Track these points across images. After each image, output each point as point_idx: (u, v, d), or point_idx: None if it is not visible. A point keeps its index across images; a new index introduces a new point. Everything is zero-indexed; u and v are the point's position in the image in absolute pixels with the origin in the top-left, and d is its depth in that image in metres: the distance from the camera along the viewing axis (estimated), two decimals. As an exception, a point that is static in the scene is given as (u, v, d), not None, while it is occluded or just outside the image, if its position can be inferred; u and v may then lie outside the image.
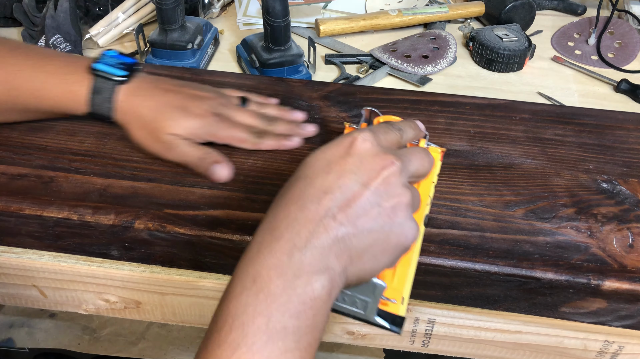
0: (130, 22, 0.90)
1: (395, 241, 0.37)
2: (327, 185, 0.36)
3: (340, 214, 0.35)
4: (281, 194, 0.38)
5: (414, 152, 0.41)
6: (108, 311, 0.57)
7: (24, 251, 0.53)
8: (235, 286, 0.34)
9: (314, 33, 0.94)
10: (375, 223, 0.36)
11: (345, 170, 0.36)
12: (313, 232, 0.34)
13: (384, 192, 0.37)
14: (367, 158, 0.37)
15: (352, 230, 0.35)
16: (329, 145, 0.38)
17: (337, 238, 0.35)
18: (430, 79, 0.84)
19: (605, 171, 0.55)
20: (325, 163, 0.37)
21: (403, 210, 0.37)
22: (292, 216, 0.35)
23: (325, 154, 0.38)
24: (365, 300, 0.39)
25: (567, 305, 0.47)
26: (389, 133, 0.41)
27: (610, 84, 0.85)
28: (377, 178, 0.37)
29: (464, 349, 0.54)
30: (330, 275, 0.34)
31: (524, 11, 0.94)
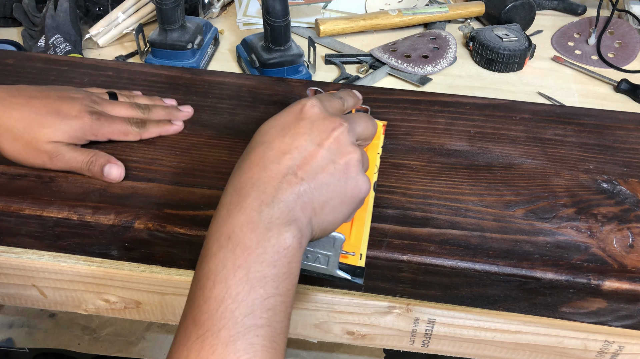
0: (130, 22, 0.90)
1: (351, 194, 0.40)
2: (284, 147, 0.39)
3: (300, 171, 0.38)
4: (241, 160, 0.40)
5: (358, 115, 0.45)
6: (108, 311, 0.57)
7: (24, 251, 0.53)
8: (212, 246, 0.36)
9: (314, 33, 0.94)
10: (332, 177, 0.39)
11: (299, 133, 0.40)
12: (278, 188, 0.37)
13: (336, 150, 0.40)
14: (317, 121, 0.40)
15: (312, 185, 0.38)
16: (281, 113, 0.42)
17: (300, 193, 0.38)
18: (430, 79, 0.84)
19: (606, 171, 0.55)
20: (279, 128, 0.40)
21: (355, 165, 0.40)
22: (256, 176, 0.38)
23: (279, 121, 0.41)
24: (327, 254, 0.42)
25: (567, 305, 0.47)
26: (332, 100, 0.45)
27: (610, 84, 0.85)
28: (329, 138, 0.40)
29: (464, 349, 0.54)
30: (298, 225, 0.37)
31: (524, 11, 0.94)
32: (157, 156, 0.54)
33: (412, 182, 0.52)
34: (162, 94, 0.62)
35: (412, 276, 0.47)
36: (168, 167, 0.53)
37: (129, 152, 0.54)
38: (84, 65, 0.67)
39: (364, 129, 0.44)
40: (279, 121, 0.41)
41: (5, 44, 0.88)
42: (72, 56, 0.73)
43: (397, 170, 0.54)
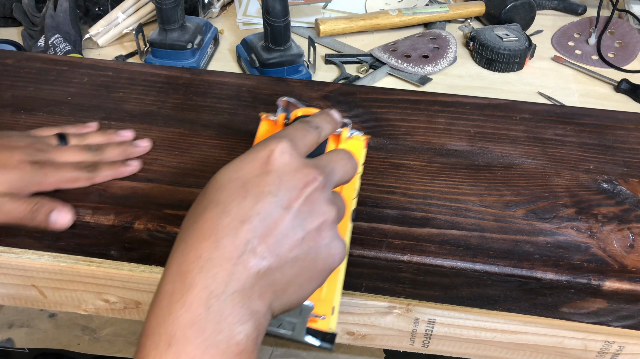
0: (130, 21, 0.90)
1: (322, 266, 0.34)
2: (243, 212, 0.32)
3: (260, 246, 0.32)
4: (189, 225, 0.33)
5: (337, 158, 0.38)
6: (108, 311, 0.57)
7: (24, 251, 0.52)
8: (149, 351, 0.30)
9: (314, 33, 0.94)
10: (299, 250, 0.33)
11: (264, 192, 0.33)
12: (232, 273, 0.31)
13: (307, 213, 0.34)
14: (287, 174, 0.34)
15: (275, 263, 0.32)
16: (243, 160, 0.35)
17: (259, 275, 0.31)
18: (430, 79, 0.84)
19: (606, 171, 0.55)
20: (240, 184, 0.33)
21: (329, 229, 0.34)
22: (205, 256, 0.31)
23: (239, 173, 0.34)
24: (293, 321, 0.37)
25: (567, 305, 0.47)
26: (307, 136, 0.38)
27: (610, 84, 0.85)
28: (300, 197, 0.33)
29: (464, 349, 0.54)
30: (255, 320, 0.31)
31: (524, 11, 0.94)
32: (157, 156, 0.54)
33: (412, 182, 0.52)
34: (162, 94, 0.62)
35: (412, 277, 0.47)
36: (168, 167, 0.53)
37: (128, 152, 0.54)
38: (84, 65, 0.66)
39: (343, 174, 0.38)
40: (240, 173, 0.34)
41: (5, 44, 0.88)
42: (72, 56, 0.73)
43: (397, 170, 0.54)
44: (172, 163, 0.53)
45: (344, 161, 0.38)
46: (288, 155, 0.35)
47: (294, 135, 0.37)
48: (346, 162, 0.38)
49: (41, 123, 0.57)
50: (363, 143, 0.48)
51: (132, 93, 0.62)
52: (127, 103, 0.61)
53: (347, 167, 0.38)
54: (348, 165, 0.39)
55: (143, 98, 0.62)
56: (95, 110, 0.59)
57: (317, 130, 0.39)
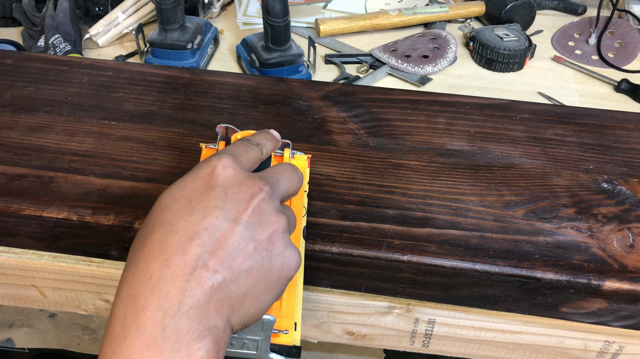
0: (130, 21, 0.90)
1: (277, 275, 0.34)
2: (191, 228, 0.32)
3: (212, 260, 0.31)
4: (137, 247, 0.33)
5: (281, 170, 0.38)
6: (108, 311, 0.57)
7: (24, 251, 0.52)
8: None
9: (314, 33, 0.94)
10: (253, 260, 0.32)
11: (210, 207, 0.32)
12: (185, 290, 0.30)
13: (256, 223, 0.33)
14: (231, 188, 0.34)
15: (228, 275, 0.31)
16: (186, 180, 0.34)
17: (213, 289, 0.31)
18: (430, 79, 0.84)
19: (606, 171, 0.55)
20: (185, 202, 0.33)
21: (280, 238, 0.34)
22: (156, 276, 0.30)
23: (183, 191, 0.33)
24: (255, 339, 0.36)
25: (567, 305, 0.47)
26: (248, 151, 0.38)
27: (610, 84, 0.85)
28: (247, 209, 0.33)
29: (464, 349, 0.54)
30: (214, 335, 0.30)
31: (524, 11, 0.94)
32: (157, 156, 0.54)
33: (412, 182, 0.52)
34: (162, 94, 0.62)
35: (412, 277, 0.47)
36: (168, 167, 0.53)
37: (128, 152, 0.54)
38: (84, 65, 0.66)
39: (289, 186, 0.38)
40: (184, 191, 0.33)
41: (5, 44, 0.88)
42: (72, 56, 0.73)
43: (397, 170, 0.54)
44: (172, 163, 0.53)
45: (289, 172, 0.38)
46: (231, 169, 0.34)
47: (235, 151, 0.37)
48: (291, 173, 0.38)
49: (41, 123, 0.57)
50: (306, 162, 0.48)
51: (132, 93, 0.62)
52: (127, 103, 0.61)
53: (292, 178, 0.38)
54: (293, 176, 0.38)
55: (143, 98, 0.62)
56: (95, 110, 0.60)
57: (259, 147, 0.39)
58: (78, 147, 0.55)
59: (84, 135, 0.56)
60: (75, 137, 0.56)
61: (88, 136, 0.56)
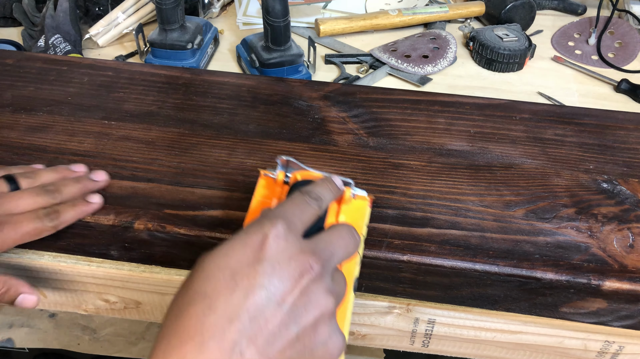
0: (130, 22, 0.90)
1: None
2: (231, 309, 0.29)
3: (250, 348, 0.29)
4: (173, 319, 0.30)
5: (337, 236, 0.35)
6: (108, 311, 0.57)
7: (24, 251, 0.52)
8: None
9: (314, 33, 0.94)
10: (293, 350, 0.30)
11: (255, 286, 0.30)
12: None
13: (302, 307, 0.30)
14: (281, 263, 0.31)
15: None
16: (234, 246, 0.31)
17: None
18: (430, 79, 0.84)
19: (606, 171, 0.55)
20: (229, 274, 0.30)
21: (326, 323, 0.31)
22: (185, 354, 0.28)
23: (229, 261, 0.31)
24: None
25: (567, 305, 0.47)
26: (305, 211, 0.35)
27: (610, 84, 0.85)
28: (295, 290, 0.30)
29: (464, 349, 0.54)
30: None
31: (524, 11, 0.94)
32: (157, 156, 0.54)
33: (412, 182, 0.52)
34: (162, 94, 0.62)
35: (412, 277, 0.47)
36: (168, 167, 0.53)
37: (128, 152, 0.54)
38: (84, 65, 0.67)
39: (343, 256, 0.35)
40: (230, 261, 0.31)
41: (5, 44, 0.88)
42: (72, 56, 0.73)
43: (397, 170, 0.54)
44: (172, 163, 0.53)
45: (345, 240, 0.35)
46: (283, 240, 0.31)
47: (291, 213, 0.34)
48: (347, 240, 0.35)
49: (41, 123, 0.57)
50: (367, 203, 0.44)
51: (132, 93, 0.62)
52: (127, 103, 0.61)
53: (348, 247, 0.35)
54: (350, 243, 0.35)
55: (143, 98, 0.62)
56: (95, 110, 0.60)
57: (318, 203, 0.36)
58: (78, 147, 0.55)
59: (84, 135, 0.56)
60: (75, 137, 0.56)
61: (88, 136, 0.56)
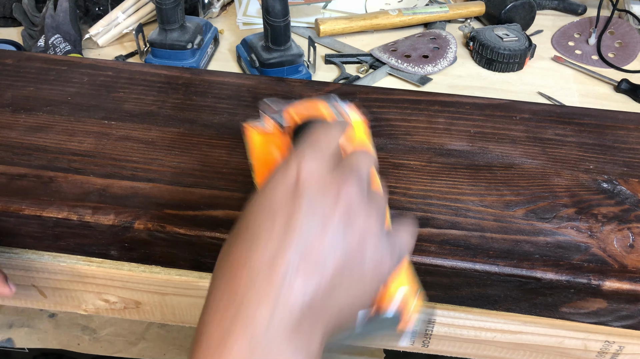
0: (130, 21, 0.90)
1: (371, 277, 0.32)
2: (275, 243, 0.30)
3: (297, 279, 0.29)
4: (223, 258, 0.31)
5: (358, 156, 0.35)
6: (108, 311, 0.57)
7: (24, 251, 0.52)
8: None
9: (314, 33, 0.94)
10: (343, 269, 0.30)
11: (294, 219, 0.30)
12: (273, 310, 0.28)
13: (346, 223, 0.31)
14: (317, 192, 0.31)
15: (319, 291, 0.29)
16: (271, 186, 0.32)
17: (303, 307, 0.29)
18: (430, 79, 0.84)
19: (606, 171, 0.55)
20: (267, 214, 0.31)
21: (374, 234, 0.32)
22: (240, 295, 0.29)
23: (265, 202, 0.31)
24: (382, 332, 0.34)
25: (567, 305, 0.47)
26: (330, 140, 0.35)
27: (610, 84, 0.85)
28: (335, 211, 0.31)
29: (464, 349, 0.54)
30: (307, 353, 0.29)
31: (524, 11, 0.94)
32: (157, 156, 0.54)
33: (412, 182, 0.52)
34: (162, 94, 0.62)
35: (412, 277, 0.47)
36: (168, 167, 0.53)
37: (128, 152, 0.54)
38: (84, 65, 0.66)
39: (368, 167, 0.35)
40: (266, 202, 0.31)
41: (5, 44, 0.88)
42: (72, 56, 0.73)
43: (397, 170, 0.54)
44: (172, 163, 0.53)
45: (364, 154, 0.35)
46: (316, 174, 0.31)
47: (316, 147, 0.33)
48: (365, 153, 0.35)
49: (41, 123, 0.57)
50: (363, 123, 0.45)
51: (132, 93, 0.62)
52: (127, 103, 0.61)
53: (368, 158, 0.35)
54: (368, 156, 0.36)
55: (143, 98, 0.62)
56: (95, 110, 0.60)
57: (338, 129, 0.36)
58: (78, 146, 0.55)
59: (84, 135, 0.56)
60: (75, 137, 0.56)
61: (88, 136, 0.56)
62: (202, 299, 0.54)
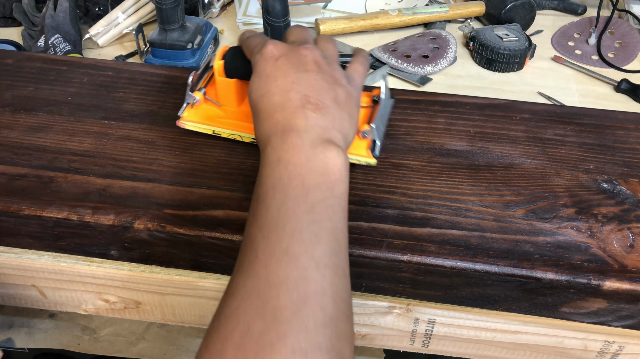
0: (130, 21, 0.90)
1: (350, 105, 0.44)
2: (283, 86, 0.42)
3: (311, 98, 0.41)
4: (258, 119, 0.43)
5: (321, 39, 0.49)
6: (108, 311, 0.57)
7: (24, 251, 0.53)
8: (264, 171, 0.39)
9: (314, 33, 0.94)
10: (332, 93, 0.43)
11: (284, 71, 0.43)
12: (305, 117, 0.40)
13: (324, 77, 0.43)
14: (289, 53, 0.44)
15: (327, 103, 0.42)
16: (255, 70, 0.44)
17: (323, 115, 0.41)
18: (430, 79, 0.84)
19: (606, 171, 0.55)
20: (265, 78, 0.43)
21: (342, 81, 0.44)
22: (281, 120, 0.41)
23: (259, 75, 0.44)
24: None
25: (567, 305, 0.47)
26: (297, 34, 0.48)
27: (610, 84, 0.85)
28: (307, 62, 0.43)
29: (464, 349, 0.54)
30: (337, 140, 0.41)
31: (524, 11, 0.94)
32: (157, 156, 0.54)
33: (412, 182, 0.52)
34: (162, 94, 0.62)
35: (412, 277, 0.47)
36: (168, 167, 0.53)
37: (128, 152, 0.54)
38: (84, 65, 0.66)
39: (333, 48, 0.48)
40: (260, 75, 0.43)
41: (5, 44, 0.88)
42: (72, 56, 0.73)
43: (397, 170, 0.54)
44: (172, 163, 0.53)
45: (326, 39, 0.49)
46: (285, 47, 0.45)
47: (280, 39, 0.47)
48: (329, 40, 0.49)
49: (41, 123, 0.57)
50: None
51: (132, 93, 0.62)
52: (127, 103, 0.61)
53: (332, 44, 0.50)
54: (332, 41, 0.50)
55: (143, 98, 0.62)
56: (95, 110, 0.60)
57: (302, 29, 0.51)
58: (78, 146, 0.55)
59: (84, 135, 0.56)
60: (75, 137, 0.56)
61: (88, 136, 0.56)
62: (203, 299, 0.54)
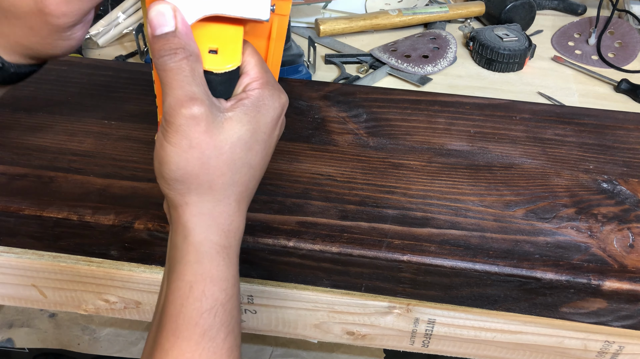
0: (130, 21, 0.90)
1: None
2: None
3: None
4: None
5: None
6: (108, 311, 0.57)
7: (24, 251, 0.52)
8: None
9: (314, 33, 0.94)
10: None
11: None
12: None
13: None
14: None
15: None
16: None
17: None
18: (430, 79, 0.84)
19: (606, 171, 0.55)
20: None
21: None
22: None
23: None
24: None
25: (567, 305, 0.47)
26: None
27: (610, 84, 0.85)
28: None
29: (464, 349, 0.54)
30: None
31: (524, 11, 0.94)
32: (157, 156, 0.54)
33: (412, 182, 0.52)
34: (162, 94, 0.62)
35: (412, 277, 0.47)
36: (168, 167, 0.53)
37: (128, 152, 0.54)
38: (84, 64, 0.66)
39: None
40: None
41: (5, 44, 0.88)
42: (72, 56, 0.73)
43: (397, 170, 0.54)
44: (172, 163, 0.53)
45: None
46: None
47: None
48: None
49: (41, 123, 0.57)
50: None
51: (132, 93, 0.62)
52: (127, 103, 0.61)
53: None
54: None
55: (143, 98, 0.62)
56: (95, 110, 0.60)
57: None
58: (78, 146, 0.55)
59: (84, 135, 0.56)
60: (75, 137, 0.56)
61: (88, 136, 0.56)
62: (202, 299, 0.54)
